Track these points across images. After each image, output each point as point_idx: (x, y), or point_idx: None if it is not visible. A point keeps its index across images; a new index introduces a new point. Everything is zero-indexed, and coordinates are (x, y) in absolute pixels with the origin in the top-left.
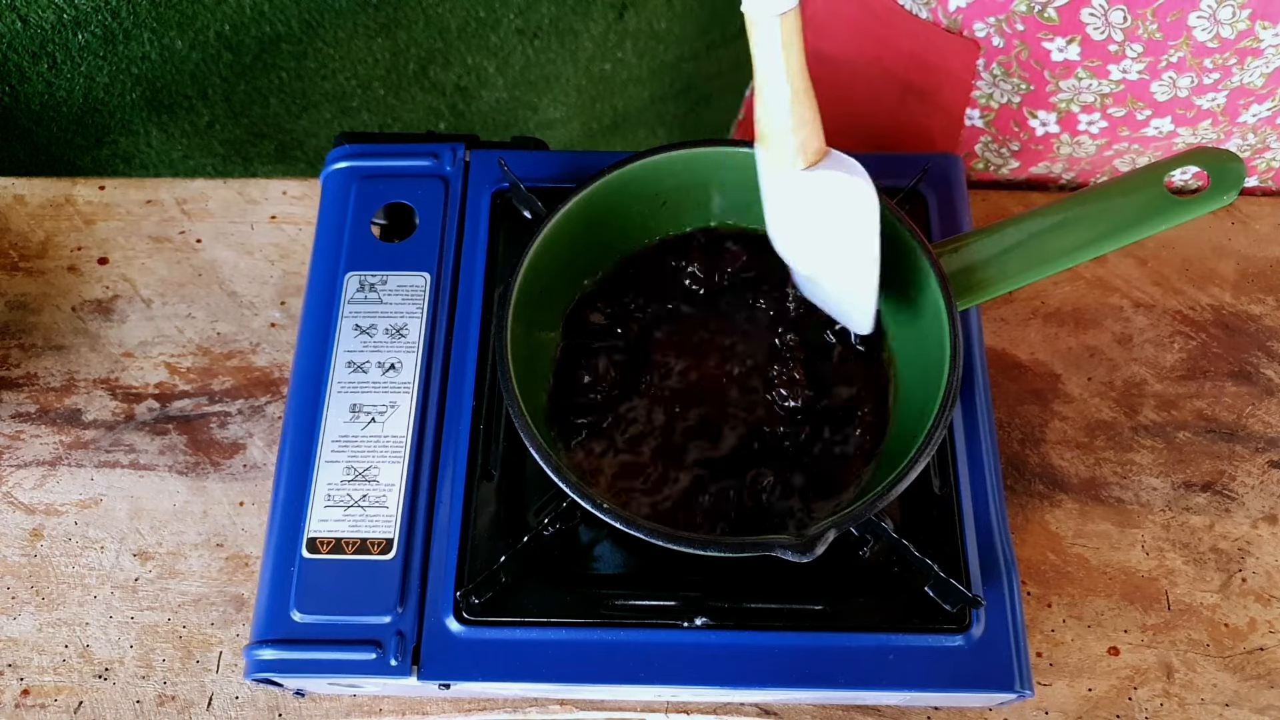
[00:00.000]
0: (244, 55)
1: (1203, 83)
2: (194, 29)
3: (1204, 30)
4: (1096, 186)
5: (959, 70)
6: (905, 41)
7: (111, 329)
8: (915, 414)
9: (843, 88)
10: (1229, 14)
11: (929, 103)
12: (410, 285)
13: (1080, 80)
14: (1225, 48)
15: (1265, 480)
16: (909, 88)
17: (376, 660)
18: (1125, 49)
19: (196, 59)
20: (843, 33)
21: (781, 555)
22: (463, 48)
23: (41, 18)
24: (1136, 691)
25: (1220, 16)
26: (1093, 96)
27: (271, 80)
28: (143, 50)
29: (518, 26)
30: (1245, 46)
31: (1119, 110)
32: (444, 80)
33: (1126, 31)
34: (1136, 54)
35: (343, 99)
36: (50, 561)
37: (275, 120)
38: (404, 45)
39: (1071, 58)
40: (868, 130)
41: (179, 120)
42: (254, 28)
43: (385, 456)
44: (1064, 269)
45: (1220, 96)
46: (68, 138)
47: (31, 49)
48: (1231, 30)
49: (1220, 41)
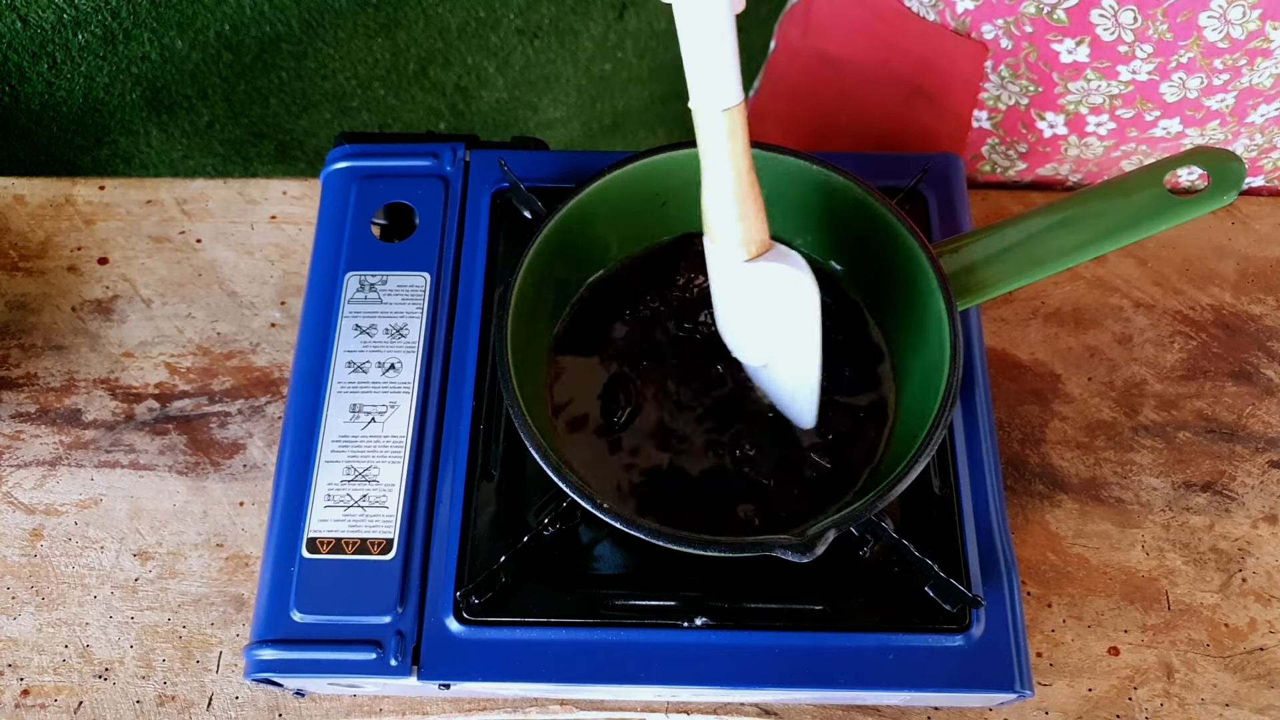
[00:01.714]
0: (244, 55)
1: (1212, 84)
2: (194, 29)
3: (1214, 30)
4: (1096, 186)
5: (967, 72)
6: (912, 44)
7: (111, 329)
8: (915, 414)
9: (849, 90)
10: (1239, 14)
11: (937, 105)
12: (410, 285)
13: (1089, 82)
14: (1235, 48)
15: (1265, 480)
16: (916, 90)
17: (377, 660)
18: (1135, 49)
19: (196, 59)
20: (849, 35)
21: (781, 555)
22: (463, 47)
23: (41, 18)
24: (1136, 691)
25: (1231, 16)
26: (1101, 98)
27: (271, 80)
28: (143, 50)
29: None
30: (1255, 47)
31: (1127, 111)
32: (444, 80)
33: (1137, 32)
34: (1146, 54)
35: (343, 99)
36: (50, 561)
37: (275, 120)
38: (404, 45)
39: (1081, 59)
40: (873, 133)
41: (179, 120)
42: (254, 27)
43: (385, 456)
44: (1064, 269)
45: (1229, 97)
46: (68, 138)
47: (31, 49)
48: (1242, 30)
49: (1230, 42)
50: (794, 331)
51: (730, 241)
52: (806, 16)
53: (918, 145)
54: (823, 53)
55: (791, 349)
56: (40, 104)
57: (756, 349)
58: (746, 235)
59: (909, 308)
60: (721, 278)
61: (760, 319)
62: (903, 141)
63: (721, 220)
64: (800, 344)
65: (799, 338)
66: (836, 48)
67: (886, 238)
